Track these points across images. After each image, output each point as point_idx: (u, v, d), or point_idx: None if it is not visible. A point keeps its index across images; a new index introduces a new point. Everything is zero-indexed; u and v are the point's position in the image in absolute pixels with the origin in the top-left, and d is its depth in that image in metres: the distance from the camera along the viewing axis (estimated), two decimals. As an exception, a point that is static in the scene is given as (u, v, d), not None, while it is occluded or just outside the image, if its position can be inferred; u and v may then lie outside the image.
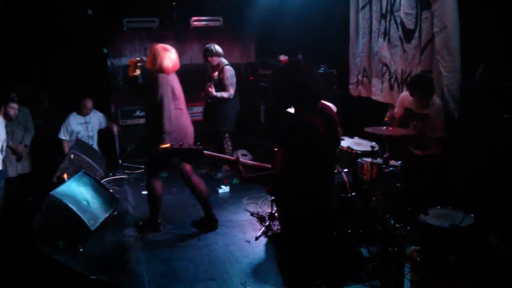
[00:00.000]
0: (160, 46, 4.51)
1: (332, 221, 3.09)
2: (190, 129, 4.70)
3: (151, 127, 4.52)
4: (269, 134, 7.07)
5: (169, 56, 4.48)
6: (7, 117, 5.23)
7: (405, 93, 4.71)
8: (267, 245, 4.53)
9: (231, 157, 2.96)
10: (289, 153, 2.67)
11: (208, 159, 3.11)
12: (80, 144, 6.21)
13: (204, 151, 2.93)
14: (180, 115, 4.58)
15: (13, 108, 5.21)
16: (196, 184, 4.78)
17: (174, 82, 4.55)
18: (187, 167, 4.73)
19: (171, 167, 4.80)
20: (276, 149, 2.94)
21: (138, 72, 4.60)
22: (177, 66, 4.59)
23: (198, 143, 3.00)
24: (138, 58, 4.61)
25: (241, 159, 2.89)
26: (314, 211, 2.77)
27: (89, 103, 6.59)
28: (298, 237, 2.85)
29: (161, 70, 4.44)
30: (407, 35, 5.06)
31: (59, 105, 6.95)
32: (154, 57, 4.44)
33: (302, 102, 2.75)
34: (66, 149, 6.35)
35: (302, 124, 2.69)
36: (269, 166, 2.93)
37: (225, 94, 6.15)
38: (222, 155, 3.16)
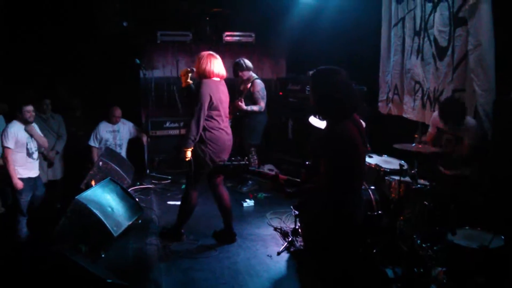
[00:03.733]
0: (206, 52, 4.54)
1: (358, 233, 3.03)
2: (226, 142, 4.58)
3: None
4: (296, 149, 7.01)
5: (214, 62, 4.48)
6: (24, 121, 5.04)
7: (437, 113, 4.59)
8: (288, 260, 4.44)
9: (271, 173, 3.05)
10: (330, 163, 2.67)
11: (251, 175, 3.20)
12: (109, 152, 6.29)
13: (249, 168, 3.07)
14: (214, 127, 4.48)
15: (29, 111, 5.03)
16: (221, 195, 4.74)
17: (215, 90, 4.46)
18: (218, 176, 4.71)
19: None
20: (309, 163, 3.00)
21: (190, 82, 4.59)
22: (222, 72, 4.56)
23: (246, 159, 3.11)
24: (189, 69, 4.58)
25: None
26: (344, 217, 2.78)
27: (117, 112, 6.69)
28: (324, 247, 2.82)
29: (204, 74, 4.44)
30: (440, 52, 4.96)
31: (92, 114, 7.11)
32: (199, 62, 4.46)
33: (340, 112, 2.77)
34: (96, 156, 6.44)
35: (343, 133, 2.71)
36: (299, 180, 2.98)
37: (255, 108, 6.16)
38: (263, 171, 3.18)
